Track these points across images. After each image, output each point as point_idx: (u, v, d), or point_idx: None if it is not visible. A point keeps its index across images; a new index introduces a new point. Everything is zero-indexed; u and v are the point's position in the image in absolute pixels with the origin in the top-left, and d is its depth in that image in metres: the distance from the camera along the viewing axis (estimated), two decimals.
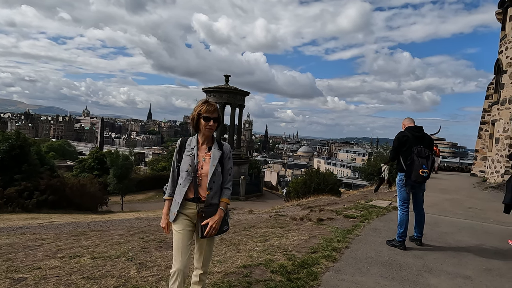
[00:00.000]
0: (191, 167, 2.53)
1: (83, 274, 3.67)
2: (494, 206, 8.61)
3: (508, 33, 15.35)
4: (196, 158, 2.56)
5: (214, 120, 2.57)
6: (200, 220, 2.50)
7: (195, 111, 2.59)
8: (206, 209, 2.51)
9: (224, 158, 2.62)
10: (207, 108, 2.56)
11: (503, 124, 15.17)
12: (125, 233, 6.93)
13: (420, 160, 4.65)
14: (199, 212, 2.51)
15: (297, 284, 3.38)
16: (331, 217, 7.02)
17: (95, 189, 23.00)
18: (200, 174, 2.54)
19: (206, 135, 2.61)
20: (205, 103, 2.59)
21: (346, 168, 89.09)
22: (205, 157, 2.58)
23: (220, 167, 2.58)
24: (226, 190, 2.64)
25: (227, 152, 2.66)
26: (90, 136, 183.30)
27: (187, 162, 2.56)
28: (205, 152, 2.60)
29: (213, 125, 2.57)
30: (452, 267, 4.26)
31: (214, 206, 2.54)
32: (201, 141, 2.64)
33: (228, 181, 2.65)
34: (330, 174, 28.99)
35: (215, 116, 2.58)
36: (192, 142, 2.63)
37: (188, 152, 2.60)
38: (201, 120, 2.56)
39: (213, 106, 2.58)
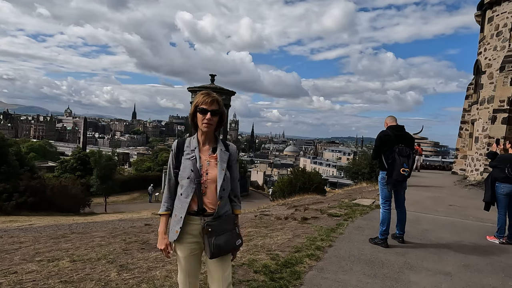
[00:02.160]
0: (194, 173, 2.11)
1: (61, 278, 3.57)
2: (473, 203, 8.84)
3: (486, 35, 15.78)
4: (199, 161, 2.14)
5: (212, 113, 2.13)
6: (207, 236, 2.06)
7: (192, 106, 2.20)
8: (213, 222, 2.08)
9: (231, 161, 2.23)
10: (203, 99, 2.14)
11: (482, 124, 15.60)
12: (107, 235, 6.80)
13: (401, 159, 4.72)
14: (204, 227, 2.07)
15: (280, 284, 3.37)
16: (316, 216, 7.06)
17: (77, 190, 22.55)
18: (205, 181, 2.11)
19: (205, 133, 2.19)
20: (202, 94, 2.18)
21: (332, 167, 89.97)
22: (210, 160, 2.17)
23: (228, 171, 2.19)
24: (237, 200, 2.29)
25: (234, 154, 2.26)
26: (73, 136, 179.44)
27: (188, 167, 2.13)
28: (208, 154, 2.19)
29: (211, 119, 2.13)
30: (432, 264, 4.34)
31: (222, 219, 2.12)
32: (202, 141, 2.22)
33: (237, 188, 2.29)
34: (316, 174, 29.22)
35: (214, 108, 2.14)
36: (192, 143, 2.21)
37: (188, 155, 2.17)
38: (198, 114, 2.16)
39: (211, 97, 2.15)
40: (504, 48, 14.25)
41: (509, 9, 14.23)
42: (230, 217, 2.19)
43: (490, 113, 14.43)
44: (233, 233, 2.13)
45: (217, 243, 2.06)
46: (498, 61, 14.46)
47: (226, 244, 2.09)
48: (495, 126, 13.52)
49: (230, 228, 2.13)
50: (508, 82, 13.35)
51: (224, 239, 2.08)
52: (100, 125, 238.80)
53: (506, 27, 14.35)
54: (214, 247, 2.05)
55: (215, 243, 2.05)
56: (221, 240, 2.07)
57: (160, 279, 3.49)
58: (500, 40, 14.75)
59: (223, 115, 2.21)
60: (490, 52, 15.38)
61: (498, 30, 14.86)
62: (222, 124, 2.25)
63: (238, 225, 2.22)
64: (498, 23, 14.92)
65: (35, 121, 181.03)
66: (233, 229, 2.15)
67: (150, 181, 34.15)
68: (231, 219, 2.18)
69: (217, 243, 2.06)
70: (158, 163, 49.43)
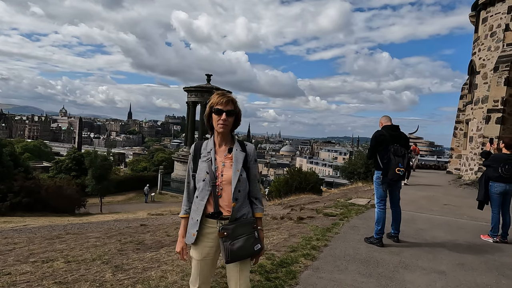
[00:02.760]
0: (209, 175, 2.08)
1: (55, 279, 3.55)
2: (468, 202, 8.90)
3: (480, 36, 15.90)
4: (214, 163, 2.11)
5: (227, 113, 2.08)
6: (223, 240, 2.02)
7: (208, 106, 2.15)
8: (229, 226, 2.03)
9: (249, 161, 2.16)
10: (218, 100, 2.09)
11: (476, 123, 15.71)
12: (102, 236, 6.77)
13: (396, 159, 4.74)
14: (220, 230, 2.03)
15: (275, 284, 3.37)
16: (311, 216, 7.08)
17: (72, 190, 22.40)
18: (221, 183, 2.07)
19: (221, 134, 2.13)
20: (217, 94, 2.14)
21: (328, 167, 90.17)
22: (225, 161, 2.12)
23: (246, 172, 2.13)
24: (258, 202, 2.21)
25: (252, 154, 2.18)
26: (68, 136, 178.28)
27: (204, 169, 2.11)
28: (224, 155, 2.14)
29: (226, 120, 2.08)
30: (427, 263, 4.36)
31: (240, 222, 2.06)
32: (218, 142, 2.18)
33: (257, 190, 2.21)
34: (312, 173, 29.26)
35: (229, 108, 2.09)
36: (208, 145, 2.18)
37: (204, 157, 2.14)
38: (213, 115, 2.12)
39: (226, 97, 2.11)
40: (498, 49, 14.36)
41: (502, 9, 14.35)
42: (249, 220, 2.11)
43: (484, 113, 14.54)
44: (250, 238, 2.05)
45: (233, 249, 2.00)
46: (492, 61, 14.58)
47: (242, 249, 2.03)
48: (489, 126, 13.63)
49: (247, 232, 2.06)
50: (502, 82, 13.46)
51: (240, 244, 2.02)
52: (96, 125, 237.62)
53: (500, 27, 14.47)
54: (229, 253, 2.00)
55: (231, 248, 2.00)
56: (237, 245, 2.01)
57: (155, 279, 3.48)
58: (494, 40, 14.87)
59: (239, 115, 2.17)
60: (484, 52, 15.50)
61: (492, 30, 14.98)
62: (238, 124, 2.20)
63: (258, 228, 2.13)
64: (492, 23, 15.04)
65: (30, 121, 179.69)
66: (251, 233, 2.07)
67: (146, 181, 34.01)
68: (250, 223, 2.09)
69: (232, 248, 2.00)
70: (154, 163, 49.24)
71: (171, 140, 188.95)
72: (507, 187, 5.57)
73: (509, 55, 13.52)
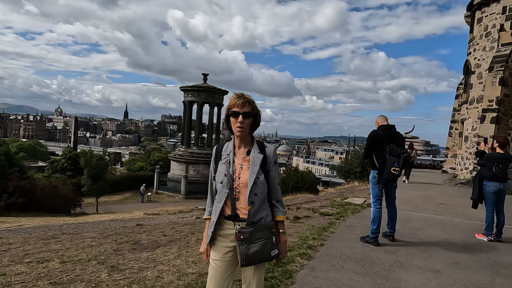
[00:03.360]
0: (227, 178, 2.08)
1: (50, 279, 3.53)
2: (463, 201, 8.96)
3: (475, 36, 16.00)
4: (232, 165, 2.11)
5: (244, 115, 2.05)
6: (239, 243, 2.01)
7: (226, 109, 2.15)
8: (246, 230, 2.00)
9: (268, 164, 2.13)
10: (234, 102, 2.07)
11: (471, 123, 15.82)
12: (98, 236, 6.74)
13: (392, 159, 4.76)
14: (237, 233, 2.02)
15: (271, 283, 3.38)
16: (308, 215, 7.09)
17: (68, 190, 22.28)
18: (238, 185, 2.06)
19: (240, 137, 2.12)
20: (234, 96, 2.12)
21: (324, 167, 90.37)
22: (243, 164, 2.11)
23: (264, 174, 2.09)
24: (279, 205, 2.17)
25: (271, 156, 2.14)
26: (64, 135, 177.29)
27: (222, 171, 2.11)
28: (242, 157, 2.13)
29: (243, 122, 2.05)
30: (422, 262, 4.39)
31: (258, 226, 2.03)
32: (237, 144, 2.17)
33: (277, 192, 2.18)
34: (308, 173, 29.29)
35: (246, 110, 2.06)
36: (228, 147, 2.19)
37: (224, 159, 2.15)
38: (231, 118, 2.10)
39: (242, 98, 2.08)
40: (493, 49, 14.46)
41: (497, 10, 14.44)
42: (267, 224, 2.06)
43: (479, 112, 14.64)
44: (268, 243, 2.01)
45: (248, 253, 1.98)
46: (487, 61, 14.67)
47: (258, 254, 2.00)
48: (484, 125, 13.73)
49: (265, 237, 2.02)
50: (496, 82, 13.56)
51: (256, 249, 1.99)
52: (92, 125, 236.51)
53: (494, 27, 14.56)
54: (244, 257, 1.99)
55: (246, 252, 1.98)
56: (253, 250, 1.99)
57: (151, 279, 3.48)
58: (489, 40, 14.97)
59: (257, 116, 2.13)
60: (479, 52, 15.59)
61: (487, 30, 15.07)
62: (257, 125, 2.17)
63: (277, 233, 2.10)
64: (487, 23, 15.13)
65: (25, 121, 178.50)
66: (269, 238, 2.03)
67: (142, 181, 33.93)
68: (268, 227, 2.05)
69: (248, 252, 1.98)
70: (151, 162, 49.11)
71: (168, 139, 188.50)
72: (501, 186, 5.62)
73: (504, 55, 13.62)
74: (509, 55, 13.51)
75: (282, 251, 2.13)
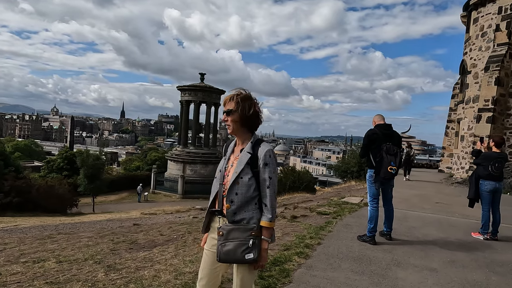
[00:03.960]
0: (220, 174, 2.14)
1: (46, 279, 3.51)
2: (459, 200, 9.01)
3: (472, 36, 16.08)
4: (226, 163, 2.16)
5: (226, 113, 2.07)
6: (218, 239, 2.03)
7: None
8: (226, 227, 2.02)
9: (259, 164, 2.05)
10: (224, 100, 2.11)
11: (467, 122, 15.90)
12: (94, 235, 6.72)
13: (388, 157, 4.78)
14: (218, 228, 2.05)
15: (269, 282, 3.38)
16: (305, 214, 7.10)
17: (64, 190, 22.19)
18: (226, 183, 2.08)
19: (231, 134, 2.14)
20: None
21: (321, 166, 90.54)
22: (234, 162, 2.12)
23: (252, 175, 2.04)
24: (265, 210, 2.05)
25: (262, 157, 2.05)
26: (60, 135, 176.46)
27: (219, 167, 2.19)
28: (236, 155, 2.14)
29: (226, 120, 2.08)
30: (419, 260, 4.41)
31: (238, 226, 2.01)
32: (238, 142, 2.19)
33: (266, 196, 2.04)
34: (305, 172, 29.36)
35: (228, 108, 2.07)
36: (232, 144, 2.24)
37: (226, 155, 2.22)
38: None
39: (228, 97, 2.10)
40: (489, 49, 14.54)
41: (493, 10, 14.52)
42: (247, 227, 2.02)
43: (475, 112, 14.72)
44: (242, 244, 1.98)
45: (222, 249, 2.01)
46: (483, 61, 14.75)
47: (229, 253, 2.00)
48: (480, 125, 13.80)
49: (241, 238, 1.99)
50: (492, 82, 13.64)
51: (229, 248, 1.99)
52: (88, 124, 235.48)
53: (490, 28, 14.65)
54: (218, 253, 2.02)
55: (220, 249, 2.01)
56: (226, 248, 2.00)
57: (148, 279, 3.46)
58: (485, 40, 15.05)
59: (243, 111, 2.04)
60: (475, 52, 15.68)
61: (483, 30, 15.16)
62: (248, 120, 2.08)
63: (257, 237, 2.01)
64: (483, 24, 15.22)
65: (21, 120, 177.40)
66: (245, 240, 1.99)
67: (139, 181, 33.81)
68: (247, 229, 2.01)
69: (222, 249, 2.01)
70: (147, 162, 48.96)
71: (165, 139, 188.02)
72: (497, 185, 5.65)
73: (500, 55, 13.70)
74: (505, 55, 13.59)
75: (262, 259, 2.05)
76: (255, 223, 2.04)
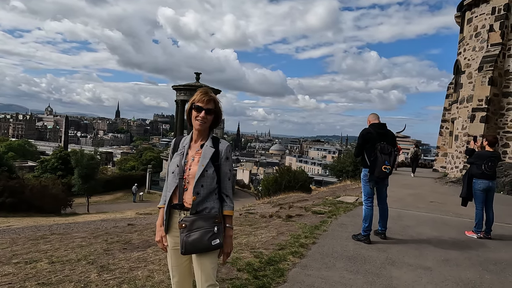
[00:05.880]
0: (178, 168, 2.17)
1: (38, 280, 3.47)
2: (453, 199, 9.06)
3: (465, 36, 16.19)
4: (185, 157, 2.20)
5: (207, 111, 2.16)
6: (181, 231, 2.08)
7: (189, 102, 2.24)
8: (188, 218, 2.07)
9: (220, 158, 2.19)
10: (200, 97, 2.18)
11: (461, 122, 16.01)
12: (88, 236, 6.65)
13: (383, 157, 4.79)
14: (180, 221, 2.09)
15: (263, 282, 3.37)
16: (300, 214, 7.10)
17: (58, 190, 22.01)
18: (187, 176, 2.14)
19: (198, 131, 2.20)
20: (200, 92, 2.21)
21: (317, 166, 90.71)
22: (195, 156, 2.19)
23: (214, 168, 2.15)
24: (228, 200, 2.21)
25: (224, 151, 2.20)
26: (54, 135, 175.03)
27: (175, 162, 2.20)
28: (196, 150, 2.21)
29: (204, 117, 2.16)
30: (413, 259, 4.42)
31: (200, 216, 2.09)
32: (194, 138, 2.26)
33: (227, 187, 2.22)
34: (301, 172, 29.42)
35: (209, 107, 2.16)
36: (185, 140, 2.28)
37: (179, 151, 2.25)
38: (193, 111, 2.19)
39: (207, 96, 2.18)
40: (483, 49, 14.65)
41: (487, 10, 14.64)
42: (210, 215, 2.11)
43: (469, 111, 14.83)
44: (208, 231, 2.06)
45: (188, 240, 2.05)
46: (476, 61, 14.86)
47: (196, 242, 2.05)
48: (474, 124, 13.91)
49: (206, 226, 2.07)
50: (486, 82, 13.74)
51: (195, 237, 2.05)
52: (83, 124, 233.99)
53: (484, 28, 14.76)
54: (183, 244, 2.06)
55: (185, 240, 2.05)
56: (193, 238, 2.05)
57: (141, 279, 3.44)
58: (478, 41, 15.16)
59: (219, 114, 2.24)
60: (469, 52, 15.79)
61: (477, 31, 15.27)
62: (218, 123, 2.28)
63: (226, 226, 2.16)
64: (476, 24, 15.33)
65: (14, 120, 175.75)
66: (210, 227, 2.07)
67: (134, 181, 33.61)
68: (211, 217, 2.10)
69: (187, 240, 2.05)
70: (142, 162, 48.75)
71: (160, 139, 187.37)
72: (490, 184, 5.69)
73: (493, 55, 13.81)
74: (498, 55, 13.70)
75: (228, 246, 2.17)
76: (216, 211, 2.14)
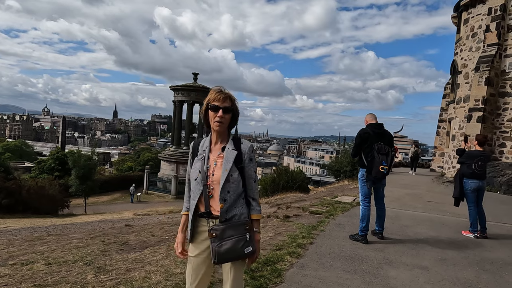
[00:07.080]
0: (201, 174, 2.06)
1: (35, 282, 3.45)
2: (450, 199, 9.01)
3: (462, 36, 16.26)
4: (207, 162, 2.09)
5: (224, 110, 2.04)
6: (211, 240, 1.99)
7: (204, 103, 2.11)
8: (218, 227, 1.98)
9: (243, 160, 2.08)
10: (215, 96, 2.06)
11: (458, 122, 16.07)
12: (85, 237, 6.64)
13: (380, 157, 4.79)
14: (210, 230, 2.00)
15: (260, 282, 3.36)
16: (298, 214, 7.10)
17: (55, 191, 21.88)
18: (212, 182, 2.04)
19: (218, 132, 2.09)
20: (214, 91, 2.09)
21: (315, 166, 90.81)
22: (217, 160, 2.08)
23: (239, 172, 2.06)
24: (254, 203, 2.11)
25: (247, 152, 2.10)
26: (51, 136, 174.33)
27: (197, 168, 2.09)
28: (217, 154, 2.10)
29: (222, 117, 2.03)
30: (410, 259, 4.43)
31: (231, 223, 2.00)
32: (214, 140, 2.14)
33: (253, 190, 2.11)
34: (299, 172, 29.35)
35: (226, 105, 2.05)
36: (205, 143, 2.16)
37: (200, 155, 2.13)
38: (209, 112, 2.07)
39: (223, 94, 2.07)
40: (479, 49, 14.71)
41: (483, 11, 14.70)
42: (241, 222, 2.02)
43: (466, 111, 14.88)
44: (240, 240, 1.98)
45: (220, 250, 1.96)
46: (473, 61, 14.92)
47: (230, 252, 1.97)
48: (470, 124, 13.96)
49: (238, 234, 1.99)
50: (482, 82, 13.80)
51: (228, 246, 1.97)
52: (80, 124, 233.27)
53: (480, 28, 14.82)
54: (216, 254, 1.97)
55: (218, 249, 1.97)
56: (225, 247, 1.97)
57: (138, 280, 3.42)
58: (475, 41, 15.22)
59: (236, 113, 2.12)
60: (466, 52, 15.85)
61: (474, 31, 15.33)
62: (236, 122, 2.17)
63: (251, 230, 2.04)
64: (473, 24, 15.39)
65: (11, 120, 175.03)
66: (242, 235, 1.99)
67: (131, 181, 33.56)
68: (241, 224, 2.01)
69: (219, 250, 1.96)
70: (140, 163, 48.64)
71: (158, 139, 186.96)
72: (480, 184, 5.73)
73: (490, 55, 13.87)
74: (495, 56, 13.76)
75: (256, 251, 2.08)
76: (246, 217, 2.06)
